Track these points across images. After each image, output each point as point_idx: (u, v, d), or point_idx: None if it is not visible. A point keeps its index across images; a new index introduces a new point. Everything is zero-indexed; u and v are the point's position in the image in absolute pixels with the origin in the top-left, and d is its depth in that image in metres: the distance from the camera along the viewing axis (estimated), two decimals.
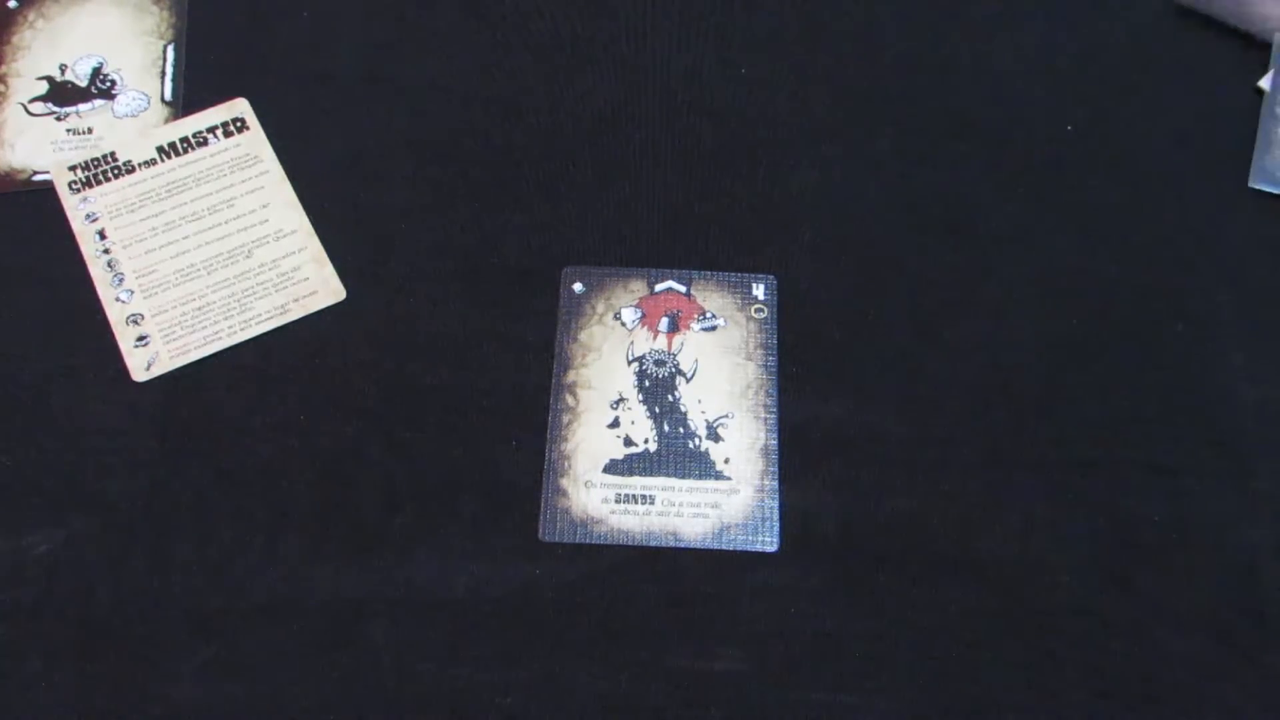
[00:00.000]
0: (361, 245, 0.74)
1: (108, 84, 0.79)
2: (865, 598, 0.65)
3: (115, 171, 0.76)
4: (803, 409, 0.69)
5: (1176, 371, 0.71)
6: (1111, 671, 0.63)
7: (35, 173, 0.76)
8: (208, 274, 0.73)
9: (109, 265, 0.73)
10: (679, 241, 0.74)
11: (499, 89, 0.79)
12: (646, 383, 0.70)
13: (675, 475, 0.68)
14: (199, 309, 0.72)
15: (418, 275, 0.73)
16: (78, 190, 0.75)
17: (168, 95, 0.79)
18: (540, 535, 0.66)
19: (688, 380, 0.70)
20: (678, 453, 0.68)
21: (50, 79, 0.79)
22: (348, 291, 0.73)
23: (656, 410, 0.69)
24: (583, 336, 0.71)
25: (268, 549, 0.66)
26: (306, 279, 0.73)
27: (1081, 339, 0.71)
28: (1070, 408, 0.69)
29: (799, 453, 0.68)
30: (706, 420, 0.69)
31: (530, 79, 0.79)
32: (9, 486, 0.67)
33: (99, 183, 0.76)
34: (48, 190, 0.76)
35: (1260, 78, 0.79)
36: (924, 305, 0.73)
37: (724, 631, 0.64)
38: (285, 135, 0.78)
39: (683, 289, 0.73)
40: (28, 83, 0.79)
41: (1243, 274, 0.73)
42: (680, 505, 0.67)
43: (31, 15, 0.81)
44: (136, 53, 0.80)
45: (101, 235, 0.74)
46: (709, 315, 0.72)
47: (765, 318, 0.72)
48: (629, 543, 0.66)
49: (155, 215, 0.75)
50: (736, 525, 0.66)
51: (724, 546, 0.66)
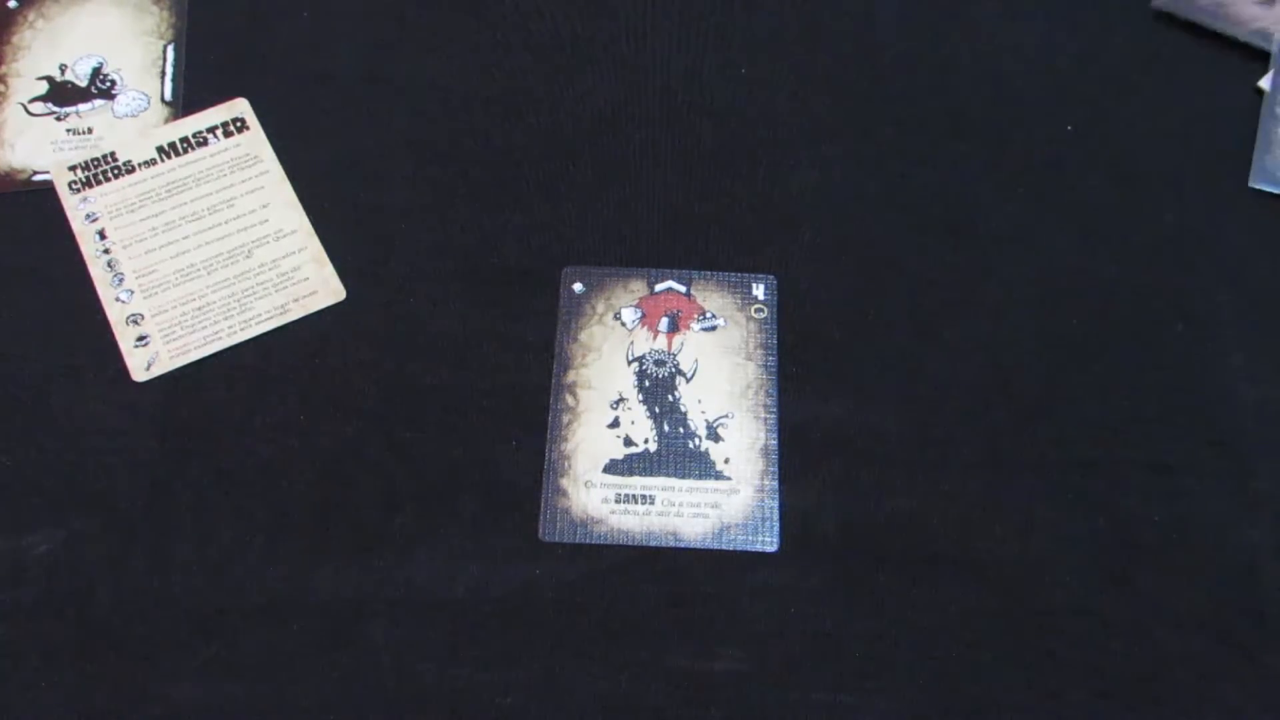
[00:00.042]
0: (361, 245, 0.74)
1: (108, 84, 0.79)
2: (865, 598, 0.65)
3: (115, 171, 0.76)
4: (803, 409, 0.69)
5: (1176, 371, 0.71)
6: (1111, 671, 0.63)
7: (35, 173, 0.76)
8: (208, 274, 0.73)
9: (109, 265, 0.73)
10: (679, 241, 0.74)
11: (499, 89, 0.79)
12: (646, 383, 0.70)
13: (675, 475, 0.68)
14: (199, 309, 0.72)
15: (418, 275, 0.73)
16: (78, 190, 0.75)
17: (168, 95, 0.79)
18: (540, 535, 0.66)
19: (688, 380, 0.70)
20: (678, 453, 0.68)
21: (50, 79, 0.79)
22: (348, 291, 0.73)
23: (656, 410, 0.69)
24: (583, 336, 0.71)
25: (268, 549, 0.66)
26: (306, 279, 0.73)
27: (1081, 339, 0.71)
28: (1070, 408, 0.69)
29: (799, 453, 0.68)
30: (706, 420, 0.69)
31: (530, 79, 0.79)
32: (9, 486, 0.67)
33: (99, 183, 0.76)
34: (48, 190, 0.76)
35: (1260, 78, 0.79)
36: (924, 305, 0.73)
37: (724, 631, 0.64)
38: (285, 135, 0.78)
39: (683, 289, 0.73)
40: (28, 83, 0.79)
41: (1243, 274, 0.73)
42: (680, 505, 0.67)
43: (31, 15, 0.81)
44: (136, 53, 0.80)
45: (101, 235, 0.74)
46: (709, 315, 0.72)
47: (765, 318, 0.72)
48: (629, 543, 0.66)
49: (155, 215, 0.75)
50: (736, 525, 0.66)
51: (724, 546, 0.66)
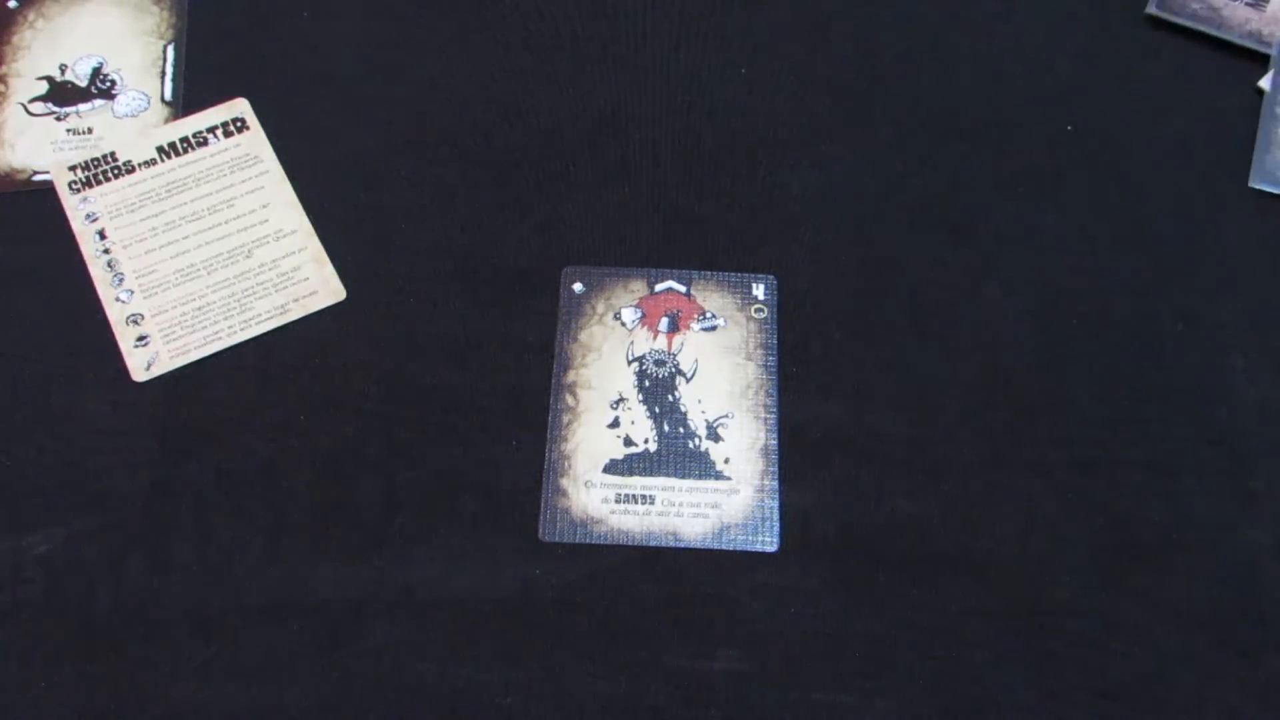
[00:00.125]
0: (361, 245, 0.74)
1: (108, 84, 0.79)
2: (865, 598, 0.65)
3: (115, 171, 0.76)
4: (803, 409, 0.69)
5: (1176, 371, 0.71)
6: (1111, 671, 0.63)
7: (35, 173, 0.76)
8: (208, 274, 0.73)
9: (109, 265, 0.73)
10: (679, 241, 0.74)
11: (499, 89, 0.79)
12: (646, 383, 0.70)
13: (675, 475, 0.68)
14: (199, 309, 0.72)
15: (418, 275, 0.73)
16: (78, 190, 0.75)
17: (168, 95, 0.79)
18: (540, 535, 0.66)
19: (688, 380, 0.70)
20: (678, 453, 0.68)
21: (50, 79, 0.79)
22: (348, 291, 0.73)
23: (656, 410, 0.69)
24: (583, 336, 0.71)
25: (268, 549, 0.66)
26: (306, 279, 0.73)
27: (1081, 339, 0.71)
28: (1070, 408, 0.69)
29: (799, 453, 0.68)
30: (706, 420, 0.69)
31: (530, 79, 0.79)
32: (9, 486, 0.67)
33: (99, 183, 0.76)
34: (48, 190, 0.76)
35: (1260, 78, 0.79)
36: (924, 305, 0.72)
37: (724, 631, 0.64)
38: (285, 135, 0.78)
39: (683, 289, 0.73)
40: (28, 83, 0.79)
41: (1242, 274, 0.73)
42: (680, 505, 0.67)
43: (31, 15, 0.81)
44: (136, 53, 0.80)
45: (101, 235, 0.74)
46: (709, 315, 0.72)
47: (765, 318, 0.72)
48: (629, 543, 0.66)
49: (155, 215, 0.75)
50: (736, 525, 0.66)
51: (724, 546, 0.66)
